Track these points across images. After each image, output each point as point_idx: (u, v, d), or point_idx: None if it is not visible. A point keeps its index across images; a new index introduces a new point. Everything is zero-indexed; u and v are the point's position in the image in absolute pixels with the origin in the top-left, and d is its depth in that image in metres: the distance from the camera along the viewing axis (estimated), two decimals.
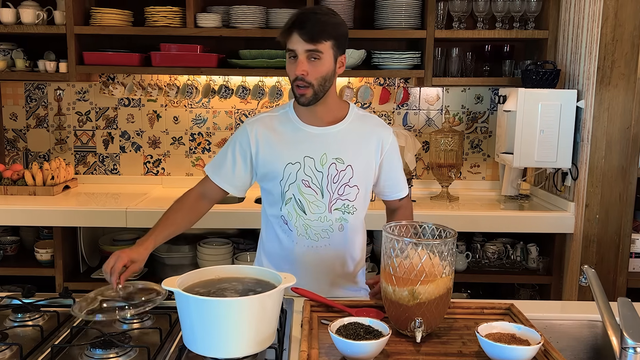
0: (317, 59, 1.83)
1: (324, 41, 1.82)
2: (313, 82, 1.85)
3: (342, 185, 1.96)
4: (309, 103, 1.89)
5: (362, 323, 1.50)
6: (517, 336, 1.46)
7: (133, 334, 1.58)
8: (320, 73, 1.85)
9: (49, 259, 3.20)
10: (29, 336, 1.58)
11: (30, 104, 3.69)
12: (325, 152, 1.95)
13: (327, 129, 1.97)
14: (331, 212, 1.97)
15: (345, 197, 1.97)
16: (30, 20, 3.26)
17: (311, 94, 1.86)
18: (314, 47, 1.81)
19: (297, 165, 1.94)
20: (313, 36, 1.80)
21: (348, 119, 1.99)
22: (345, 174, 1.95)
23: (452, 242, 1.54)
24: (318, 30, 1.81)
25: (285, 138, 1.96)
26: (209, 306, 1.32)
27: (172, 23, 3.28)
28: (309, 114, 1.96)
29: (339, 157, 1.95)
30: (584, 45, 2.95)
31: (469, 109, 3.71)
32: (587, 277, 1.60)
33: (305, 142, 1.95)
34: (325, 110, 1.96)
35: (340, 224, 1.98)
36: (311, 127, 1.97)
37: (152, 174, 3.77)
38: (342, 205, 1.97)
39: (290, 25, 1.83)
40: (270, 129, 1.98)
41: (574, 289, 3.01)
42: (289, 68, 1.88)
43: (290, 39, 1.83)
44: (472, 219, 3.10)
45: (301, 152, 1.94)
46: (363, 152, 1.98)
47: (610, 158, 2.87)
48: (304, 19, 1.83)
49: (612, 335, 1.42)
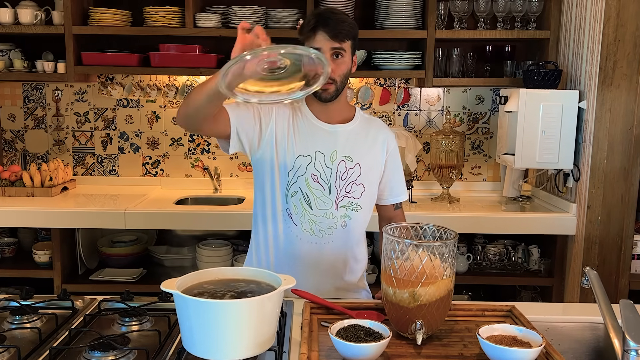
0: (341, 56, 1.91)
1: (346, 40, 1.91)
2: (337, 79, 1.92)
3: (350, 182, 2.00)
4: (331, 99, 1.95)
5: (362, 325, 1.50)
6: (518, 338, 1.46)
7: (132, 336, 1.58)
8: (343, 70, 1.93)
9: (47, 260, 3.21)
10: (27, 338, 1.58)
11: (28, 105, 3.69)
12: (335, 149, 1.99)
13: (338, 127, 2.01)
14: (337, 209, 1.99)
15: (351, 195, 2.00)
16: (28, 21, 3.26)
17: (334, 89, 1.93)
18: (339, 44, 1.89)
19: (309, 158, 1.98)
20: (338, 34, 1.88)
21: (356, 119, 2.05)
22: (353, 172, 1.99)
23: (453, 243, 1.54)
24: (341, 29, 1.89)
25: (299, 129, 1.99)
26: (208, 308, 1.32)
27: (171, 23, 3.28)
28: (322, 111, 2.01)
29: (348, 155, 1.99)
30: (585, 45, 2.95)
31: (470, 109, 3.71)
32: (589, 279, 1.60)
33: (317, 137, 1.99)
34: (338, 108, 2.02)
35: (343, 221, 2.00)
36: (323, 124, 2.01)
37: (151, 175, 3.77)
38: (348, 202, 2.00)
39: (314, 24, 1.89)
40: (290, 114, 2.01)
41: (575, 291, 3.01)
42: None
43: (314, 38, 1.89)
44: (473, 221, 3.10)
45: (313, 146, 1.98)
46: (371, 151, 2.04)
47: (613, 159, 2.87)
48: (327, 18, 1.89)
49: (614, 337, 1.42)
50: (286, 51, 1.45)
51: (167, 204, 3.27)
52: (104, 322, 1.68)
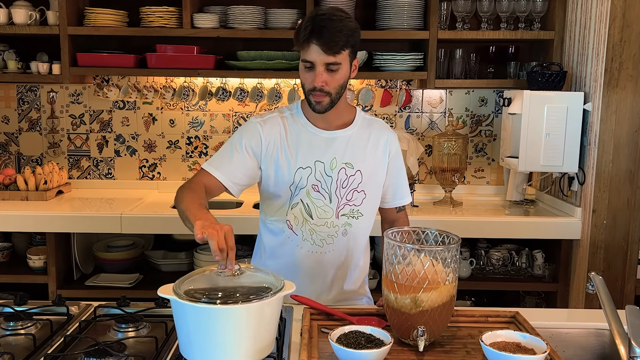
0: (336, 70, 1.85)
1: (343, 51, 1.84)
2: (331, 91, 1.88)
3: (351, 190, 1.98)
4: (325, 111, 1.91)
5: (363, 332, 1.50)
6: (522, 345, 1.46)
7: (128, 342, 1.59)
8: (338, 82, 1.88)
9: (42, 265, 3.21)
10: (21, 345, 1.58)
11: (23, 107, 3.69)
12: (335, 157, 1.97)
13: (337, 133, 1.99)
14: (338, 218, 1.99)
15: (353, 203, 1.99)
16: (23, 21, 3.27)
17: (328, 102, 1.89)
18: (333, 58, 1.83)
19: (308, 170, 1.96)
20: (332, 47, 1.81)
21: (356, 123, 2.02)
22: (354, 179, 1.98)
23: (456, 248, 1.55)
24: (337, 41, 1.81)
25: (296, 142, 1.97)
26: (206, 314, 1.32)
27: (168, 23, 3.29)
28: (319, 117, 1.97)
29: (348, 162, 1.97)
30: (591, 46, 2.96)
31: (473, 111, 3.71)
32: (594, 284, 1.60)
33: (315, 146, 1.97)
34: (336, 114, 1.98)
35: (344, 229, 2.00)
36: (321, 131, 1.99)
37: (148, 178, 3.77)
38: (349, 210, 1.99)
39: (307, 35, 1.81)
40: (281, 131, 1.98)
41: (580, 297, 3.01)
42: (304, 77, 1.89)
43: (308, 51, 1.83)
44: (476, 225, 3.10)
45: (312, 157, 1.96)
46: (372, 156, 2.01)
47: (618, 162, 2.88)
48: (321, 27, 1.80)
49: (619, 344, 1.43)
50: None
51: (164, 208, 3.27)
52: (99, 328, 1.69)
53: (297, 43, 1.86)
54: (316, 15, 1.84)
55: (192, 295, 1.36)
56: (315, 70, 1.84)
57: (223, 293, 1.39)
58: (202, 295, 1.37)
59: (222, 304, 1.33)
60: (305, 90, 1.90)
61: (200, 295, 1.37)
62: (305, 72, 1.87)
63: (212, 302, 1.33)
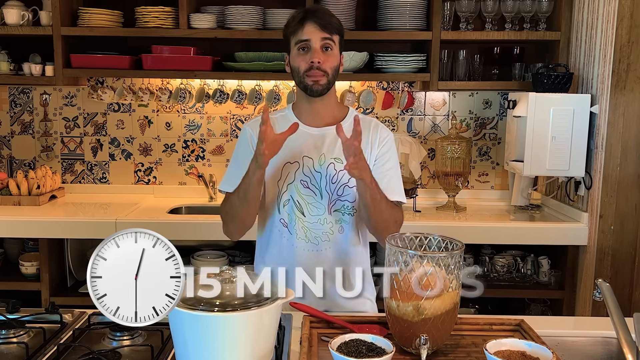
0: (330, 49, 1.97)
1: (335, 34, 1.97)
2: (328, 71, 1.97)
3: (342, 185, 2.02)
4: (322, 92, 1.99)
5: (364, 340, 1.50)
6: (527, 354, 1.46)
7: (123, 351, 1.59)
8: (333, 64, 1.99)
9: (35, 272, 3.21)
10: (13, 354, 1.58)
11: (15, 109, 3.70)
12: (323, 152, 2.02)
13: (326, 129, 2.05)
14: (331, 214, 2.02)
15: (345, 198, 2.02)
16: (15, 21, 3.28)
17: (325, 82, 1.98)
18: (329, 35, 1.95)
19: (296, 164, 2.01)
20: (327, 25, 1.95)
21: (347, 120, 2.07)
22: (344, 174, 2.01)
23: (460, 254, 1.55)
24: (332, 22, 1.96)
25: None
26: (203, 322, 1.32)
27: (164, 24, 3.29)
28: (310, 113, 2.05)
29: (337, 157, 2.01)
30: (598, 47, 2.96)
31: (477, 114, 3.72)
32: (601, 291, 1.61)
33: (304, 142, 2.02)
34: (326, 108, 2.05)
35: (340, 226, 2.03)
36: (310, 128, 2.05)
37: (143, 182, 3.77)
38: (342, 206, 2.02)
39: (303, 16, 1.96)
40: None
41: (587, 304, 3.01)
42: (299, 60, 1.98)
43: (303, 30, 1.95)
44: (480, 231, 3.10)
45: (300, 152, 2.02)
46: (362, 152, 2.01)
47: (626, 166, 2.88)
48: (315, 10, 1.99)
49: (627, 352, 1.43)
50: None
51: (160, 213, 3.28)
52: (94, 336, 1.69)
53: (290, 28, 1.99)
54: (307, 7, 2.07)
55: (189, 303, 1.36)
56: (312, 49, 1.96)
57: (221, 301, 1.39)
58: (199, 302, 1.37)
59: (219, 312, 1.33)
60: (300, 75, 1.99)
61: (197, 302, 1.37)
62: (299, 56, 1.99)
63: (209, 309, 1.33)
